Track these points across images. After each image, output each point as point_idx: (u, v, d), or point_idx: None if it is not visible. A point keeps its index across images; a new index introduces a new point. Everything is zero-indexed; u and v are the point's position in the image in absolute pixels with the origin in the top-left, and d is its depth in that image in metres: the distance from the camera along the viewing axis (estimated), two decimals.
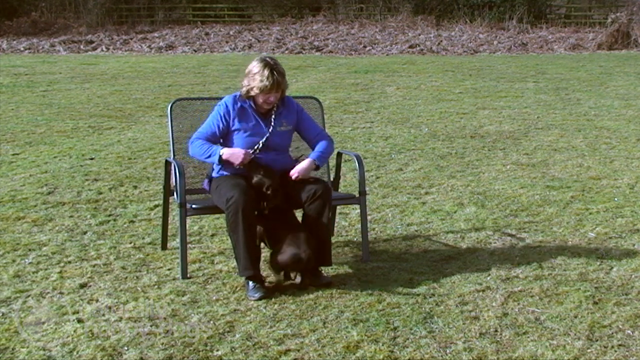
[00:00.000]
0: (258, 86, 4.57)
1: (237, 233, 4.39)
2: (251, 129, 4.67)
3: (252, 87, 4.62)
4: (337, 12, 28.15)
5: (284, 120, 4.74)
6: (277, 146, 4.72)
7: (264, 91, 4.58)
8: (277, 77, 4.56)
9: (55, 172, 7.30)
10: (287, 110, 4.78)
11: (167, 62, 18.31)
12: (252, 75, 4.62)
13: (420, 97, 12.49)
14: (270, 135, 4.68)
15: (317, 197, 4.53)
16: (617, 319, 4.05)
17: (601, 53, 20.97)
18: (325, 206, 4.54)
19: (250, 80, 4.63)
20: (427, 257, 5.04)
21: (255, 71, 4.60)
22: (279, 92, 4.64)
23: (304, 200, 4.56)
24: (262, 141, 4.66)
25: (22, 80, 14.51)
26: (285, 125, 4.74)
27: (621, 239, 5.41)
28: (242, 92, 4.70)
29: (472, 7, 25.72)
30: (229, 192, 4.43)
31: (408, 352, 3.68)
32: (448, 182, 6.98)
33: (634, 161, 7.82)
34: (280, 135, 4.73)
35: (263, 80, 4.55)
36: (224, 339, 3.82)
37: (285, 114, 4.76)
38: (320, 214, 4.53)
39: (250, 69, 4.66)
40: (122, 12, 26.87)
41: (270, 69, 4.57)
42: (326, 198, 4.56)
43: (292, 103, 4.86)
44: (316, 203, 4.53)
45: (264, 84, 4.55)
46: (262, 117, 4.71)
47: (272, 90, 4.59)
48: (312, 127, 4.88)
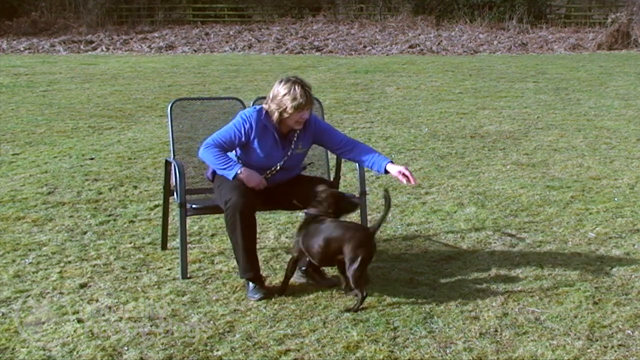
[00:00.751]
0: (292, 105, 4.45)
1: (236, 235, 4.38)
2: (269, 149, 4.57)
3: (285, 108, 4.47)
4: (337, 12, 28.16)
5: (301, 143, 4.66)
6: (291, 167, 4.68)
7: (298, 109, 4.46)
8: (309, 91, 4.51)
9: (55, 172, 7.30)
10: (304, 133, 4.67)
11: (167, 62, 18.31)
12: (280, 97, 4.48)
13: (420, 97, 12.49)
14: (288, 158, 4.62)
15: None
16: (617, 319, 4.05)
17: (601, 53, 20.97)
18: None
19: (280, 102, 4.49)
20: (427, 257, 5.04)
21: (284, 92, 4.47)
22: (310, 107, 4.56)
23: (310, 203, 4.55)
24: (280, 164, 4.59)
25: (22, 80, 14.51)
26: (301, 148, 4.67)
27: (621, 239, 5.41)
28: (273, 117, 4.54)
29: (472, 7, 25.73)
30: (228, 194, 4.42)
31: (408, 352, 3.68)
32: (448, 182, 6.98)
33: (634, 161, 7.82)
34: (296, 157, 4.68)
35: (297, 98, 4.44)
36: (224, 339, 3.82)
37: (302, 137, 4.66)
38: None
39: (276, 92, 4.51)
40: (122, 12, 26.88)
41: (301, 85, 4.48)
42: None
43: (309, 122, 4.71)
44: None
45: (298, 102, 4.44)
46: (281, 138, 4.61)
47: (307, 107, 4.50)
48: (334, 134, 4.76)
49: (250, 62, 18.01)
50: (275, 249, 5.20)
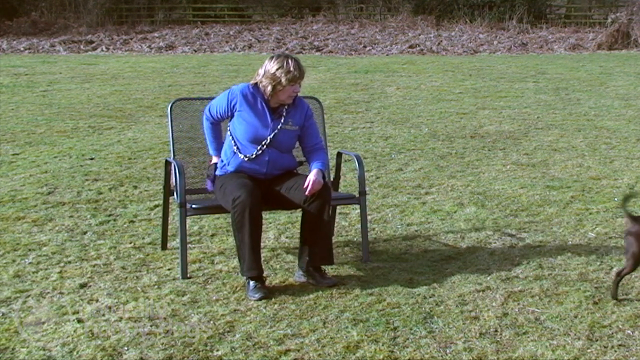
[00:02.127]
0: (287, 78, 4.57)
1: (243, 233, 4.38)
2: (257, 120, 4.65)
3: (279, 81, 4.58)
4: (337, 12, 28.16)
5: (291, 119, 4.73)
6: (281, 145, 4.71)
7: (292, 81, 4.59)
8: (301, 64, 4.66)
9: (55, 172, 7.30)
10: (295, 110, 4.77)
11: (167, 62, 18.31)
12: (274, 71, 4.59)
13: (420, 97, 12.49)
14: (278, 132, 4.66)
15: (316, 197, 4.53)
16: (617, 319, 4.05)
17: (601, 53, 20.97)
18: (325, 205, 4.54)
19: (273, 76, 4.59)
20: (427, 257, 5.04)
21: (277, 67, 4.59)
22: (302, 80, 4.68)
23: (303, 200, 4.56)
24: (270, 137, 4.64)
25: (22, 80, 14.51)
26: (291, 125, 4.73)
27: (621, 239, 5.40)
28: (266, 92, 4.65)
29: (472, 7, 25.72)
30: (236, 191, 4.43)
31: (408, 352, 3.68)
32: (448, 182, 6.98)
33: (634, 161, 7.82)
34: (285, 133, 4.71)
35: (290, 70, 4.57)
36: (224, 339, 3.82)
37: (293, 114, 4.75)
38: (321, 212, 4.53)
39: (268, 68, 4.62)
40: (122, 12, 26.87)
41: (293, 59, 4.65)
42: (325, 197, 4.55)
43: (304, 105, 4.86)
44: (316, 202, 4.53)
45: (293, 74, 4.57)
46: (271, 112, 4.70)
47: (300, 79, 4.64)
48: (314, 135, 4.86)
49: (250, 62, 18.00)
50: (275, 249, 5.20)
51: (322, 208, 4.53)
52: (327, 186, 4.64)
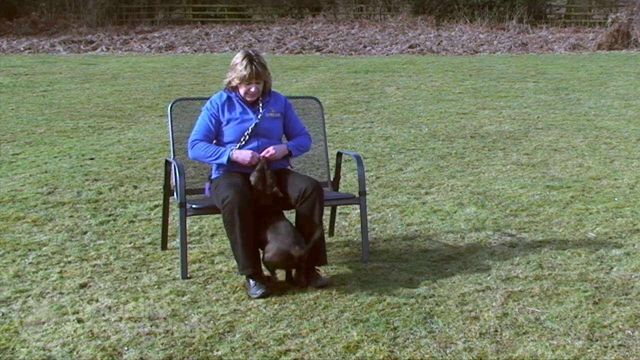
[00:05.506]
0: (238, 76, 4.71)
1: (234, 232, 4.40)
2: (240, 117, 4.76)
3: (233, 78, 4.76)
4: (337, 12, 28.17)
5: (272, 107, 4.84)
6: (267, 132, 4.78)
7: (243, 81, 4.70)
8: (257, 67, 4.69)
9: (55, 172, 7.30)
10: (274, 100, 4.88)
11: (167, 62, 18.32)
12: (233, 66, 4.76)
13: (420, 97, 12.49)
14: (260, 121, 4.74)
15: (307, 196, 4.51)
16: (617, 319, 4.05)
17: (601, 53, 20.97)
18: (316, 204, 4.52)
19: (231, 71, 4.77)
20: (427, 257, 5.04)
21: (236, 62, 4.75)
22: (259, 82, 4.74)
23: (294, 200, 4.55)
24: (252, 127, 4.73)
25: (22, 80, 14.52)
26: (273, 112, 4.83)
27: (621, 239, 5.41)
28: (224, 83, 4.84)
29: (472, 7, 25.72)
30: (225, 192, 4.44)
31: (408, 352, 3.68)
32: (448, 182, 6.98)
33: (634, 161, 7.82)
34: (270, 120, 4.80)
35: (242, 70, 4.68)
36: (224, 339, 3.82)
37: (272, 103, 4.86)
38: (312, 212, 4.51)
39: (233, 61, 4.80)
40: (122, 12, 26.88)
41: (250, 59, 4.70)
42: (317, 196, 4.53)
43: (280, 97, 4.97)
44: (307, 202, 4.52)
45: (242, 74, 4.68)
46: (249, 105, 4.80)
47: (252, 80, 4.69)
48: (297, 124, 4.96)
49: None
50: None
51: (314, 208, 4.51)
52: (318, 186, 4.61)
